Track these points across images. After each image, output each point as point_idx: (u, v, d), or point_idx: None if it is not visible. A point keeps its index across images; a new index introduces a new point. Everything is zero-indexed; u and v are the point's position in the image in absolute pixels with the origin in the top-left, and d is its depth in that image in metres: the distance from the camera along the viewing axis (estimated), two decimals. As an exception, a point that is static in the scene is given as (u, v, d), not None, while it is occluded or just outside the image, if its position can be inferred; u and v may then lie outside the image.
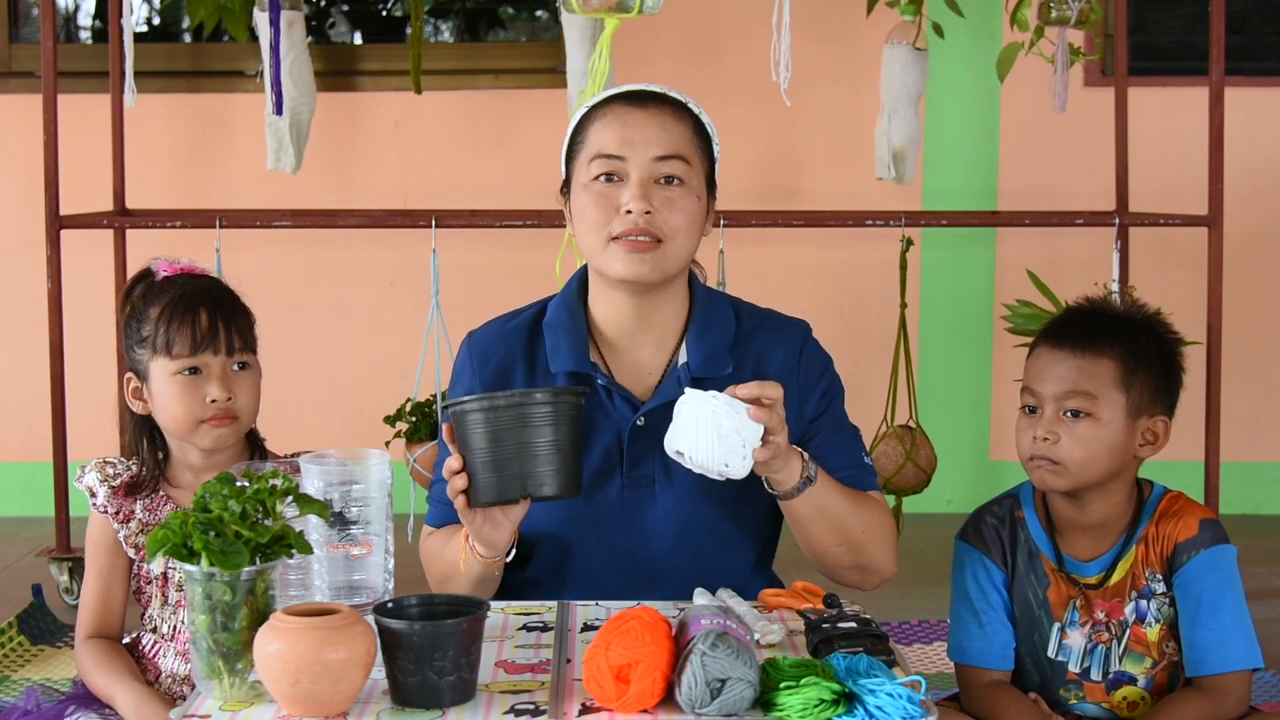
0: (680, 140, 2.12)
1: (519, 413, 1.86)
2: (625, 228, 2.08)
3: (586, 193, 2.13)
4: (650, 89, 2.17)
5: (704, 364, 2.15)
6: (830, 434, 2.19)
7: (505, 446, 1.86)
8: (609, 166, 2.11)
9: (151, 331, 2.21)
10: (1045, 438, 2.12)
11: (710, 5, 4.62)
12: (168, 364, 2.21)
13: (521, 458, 1.86)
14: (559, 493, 1.89)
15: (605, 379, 2.15)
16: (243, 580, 1.68)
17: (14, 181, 4.65)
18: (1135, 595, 2.14)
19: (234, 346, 2.23)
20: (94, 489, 2.26)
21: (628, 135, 2.11)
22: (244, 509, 1.70)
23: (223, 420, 2.22)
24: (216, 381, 2.21)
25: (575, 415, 1.90)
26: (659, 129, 2.11)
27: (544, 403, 1.87)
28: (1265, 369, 4.77)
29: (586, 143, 2.15)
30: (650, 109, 2.13)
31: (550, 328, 2.19)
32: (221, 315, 2.23)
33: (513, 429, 1.86)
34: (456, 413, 1.90)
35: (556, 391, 1.90)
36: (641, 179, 2.10)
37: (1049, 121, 4.73)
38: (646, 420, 2.13)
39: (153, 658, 2.26)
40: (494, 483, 1.88)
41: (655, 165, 2.10)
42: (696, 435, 1.90)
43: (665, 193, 2.10)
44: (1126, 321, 2.18)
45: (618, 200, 2.09)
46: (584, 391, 1.94)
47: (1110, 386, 2.11)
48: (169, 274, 2.29)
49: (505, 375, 2.18)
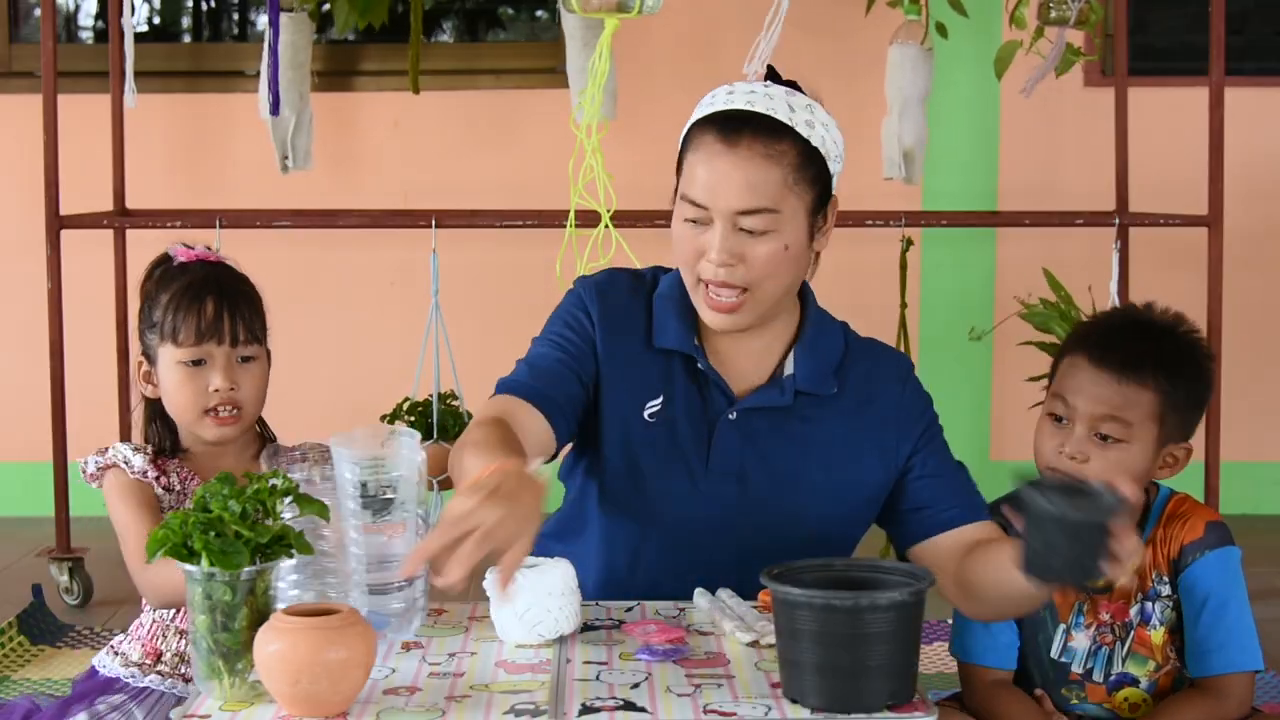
0: (767, 189, 2.00)
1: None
2: (708, 276, 2.04)
3: (678, 224, 2.07)
4: (753, 109, 2.03)
5: (810, 379, 2.12)
6: (937, 470, 2.14)
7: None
8: (694, 214, 2.03)
9: (161, 317, 2.23)
10: (1074, 457, 2.11)
11: (710, 5, 4.62)
12: (174, 351, 2.22)
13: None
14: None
15: (707, 366, 2.12)
16: (243, 580, 1.68)
17: (14, 181, 4.65)
18: (1141, 597, 2.14)
19: (238, 338, 2.23)
20: (128, 459, 2.23)
21: (712, 183, 2.01)
22: (244, 509, 1.70)
23: (226, 420, 2.22)
24: (220, 372, 2.21)
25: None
26: (743, 180, 2.00)
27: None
28: (1265, 369, 4.77)
29: (684, 165, 2.07)
30: (741, 150, 2.00)
31: (661, 300, 2.15)
32: (228, 305, 2.23)
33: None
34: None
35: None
36: (724, 231, 2.01)
37: (1049, 121, 4.74)
38: (740, 416, 2.11)
39: (152, 640, 2.24)
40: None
41: (738, 218, 2.01)
42: (501, 620, 1.87)
43: (749, 243, 2.02)
44: (1173, 347, 2.14)
45: (703, 245, 2.03)
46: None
47: (1148, 418, 2.09)
48: (184, 260, 2.29)
49: (623, 325, 2.14)
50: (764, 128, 2.02)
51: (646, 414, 2.13)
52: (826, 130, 2.07)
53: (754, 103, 2.04)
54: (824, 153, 2.06)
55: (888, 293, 3.89)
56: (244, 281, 2.31)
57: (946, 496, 2.11)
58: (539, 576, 1.86)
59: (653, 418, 2.12)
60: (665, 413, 2.12)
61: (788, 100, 2.05)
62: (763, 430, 2.12)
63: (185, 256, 2.30)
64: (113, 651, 2.29)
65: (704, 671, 1.77)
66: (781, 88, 2.08)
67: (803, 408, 2.12)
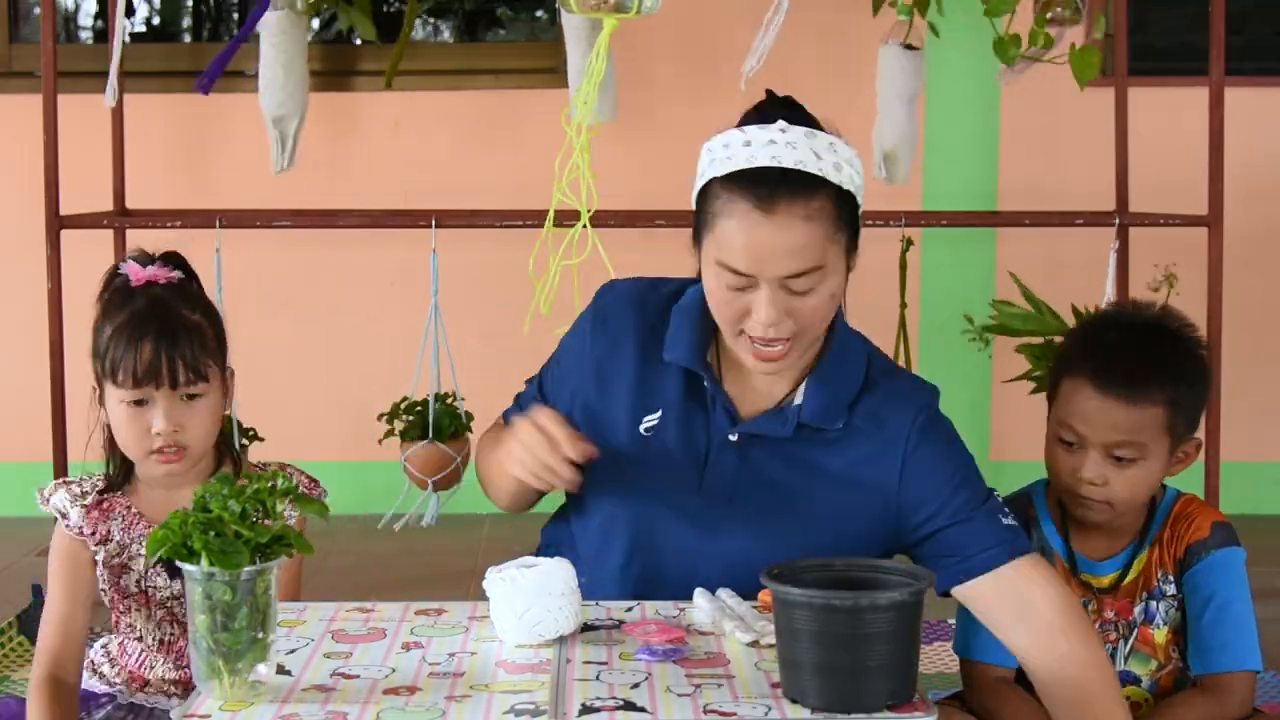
0: (813, 250, 1.94)
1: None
2: (756, 334, 1.98)
3: (716, 283, 1.99)
4: (780, 165, 1.94)
5: (817, 413, 2.06)
6: (965, 516, 2.01)
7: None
8: (736, 282, 1.97)
9: (103, 351, 2.14)
10: (1093, 482, 2.10)
11: (709, 5, 4.62)
12: (115, 390, 2.13)
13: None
14: None
15: (714, 386, 2.09)
16: (243, 580, 1.67)
17: (14, 181, 4.64)
18: (1146, 596, 2.15)
19: (178, 380, 2.11)
20: (64, 510, 2.18)
21: (755, 251, 1.94)
22: (244, 509, 1.70)
23: (171, 458, 2.14)
24: (162, 414, 2.11)
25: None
26: (790, 243, 1.93)
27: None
28: (1265, 369, 4.77)
29: (714, 230, 1.98)
30: (780, 216, 1.93)
31: (680, 312, 2.12)
32: (168, 346, 2.11)
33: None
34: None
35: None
36: (771, 294, 1.96)
37: (1049, 121, 4.74)
38: (740, 439, 2.08)
39: (139, 668, 2.22)
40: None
41: (786, 281, 1.95)
42: (501, 620, 1.87)
43: (797, 300, 1.97)
44: (1172, 353, 2.13)
45: (747, 305, 1.97)
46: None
47: (1160, 432, 2.10)
48: (134, 283, 2.17)
49: (629, 331, 2.15)
50: (799, 186, 1.94)
51: (643, 428, 2.11)
52: (852, 168, 2.00)
53: (780, 157, 1.95)
54: (854, 192, 2.00)
55: (888, 293, 3.89)
56: (197, 307, 2.18)
57: (979, 541, 2.00)
58: (539, 576, 1.86)
59: (649, 432, 2.11)
60: (662, 428, 2.10)
61: (810, 146, 1.97)
62: (761, 457, 2.08)
63: (136, 278, 2.18)
64: (93, 672, 2.25)
65: (704, 671, 1.77)
66: (799, 129, 1.98)
67: (806, 439, 2.07)
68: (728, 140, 2.00)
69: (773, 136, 1.96)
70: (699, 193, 2.03)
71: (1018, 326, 3.70)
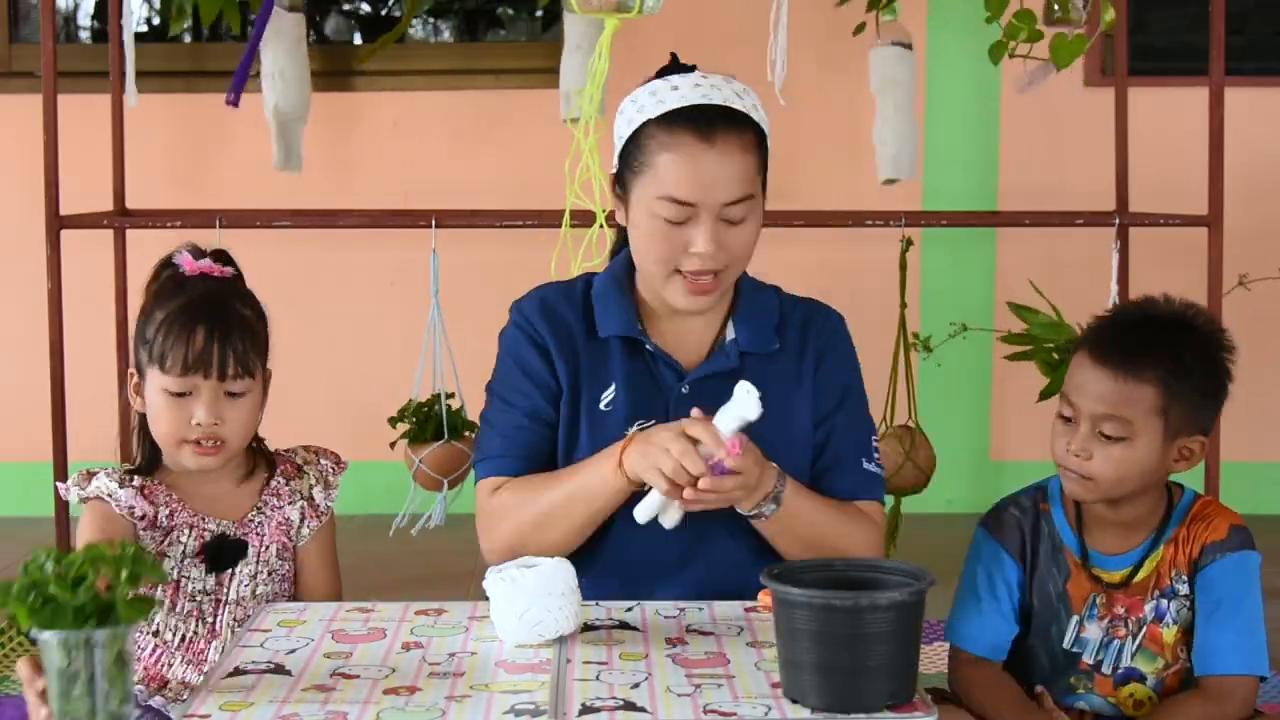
0: (749, 175, 2.09)
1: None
2: (692, 267, 2.09)
3: (651, 222, 2.10)
4: (719, 104, 2.09)
5: (752, 340, 2.20)
6: (840, 433, 2.21)
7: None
8: (676, 213, 2.07)
9: (152, 337, 2.14)
10: (1078, 454, 2.11)
11: (710, 5, 4.62)
12: (160, 377, 2.14)
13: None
14: None
15: (653, 346, 2.18)
16: (75, 644, 1.54)
17: (14, 181, 4.65)
18: (1158, 594, 2.15)
19: (226, 372, 2.13)
20: (110, 492, 2.15)
21: (699, 179, 2.06)
22: (73, 574, 1.55)
23: (207, 451, 2.15)
24: (205, 406, 2.13)
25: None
26: (730, 171, 2.07)
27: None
28: (1265, 369, 4.77)
29: (652, 168, 2.09)
30: (719, 144, 2.06)
31: (599, 297, 2.22)
32: (220, 336, 2.13)
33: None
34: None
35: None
36: (710, 223, 2.07)
37: (1049, 121, 4.74)
38: (691, 389, 2.16)
39: (156, 666, 2.21)
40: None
41: (724, 209, 2.08)
42: (501, 620, 1.87)
43: (731, 230, 2.09)
44: (1174, 337, 2.13)
45: (685, 239, 2.08)
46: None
47: (1148, 413, 2.09)
48: (189, 273, 2.19)
49: (568, 333, 2.21)
50: (733, 120, 2.09)
51: (603, 405, 2.18)
52: (761, 112, 2.15)
53: (711, 96, 2.09)
54: (767, 134, 2.15)
55: (888, 293, 3.89)
56: (247, 303, 2.22)
57: (841, 463, 2.20)
58: (539, 576, 1.86)
59: (608, 406, 2.18)
60: (619, 399, 2.17)
61: (731, 89, 2.12)
62: (716, 398, 2.09)
63: (190, 269, 2.19)
64: None
65: (704, 671, 1.77)
66: (716, 75, 2.14)
67: (750, 368, 2.17)
68: (653, 89, 2.12)
69: (696, 81, 2.11)
70: (629, 140, 2.12)
71: (1050, 336, 3.65)
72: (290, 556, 2.28)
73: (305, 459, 2.35)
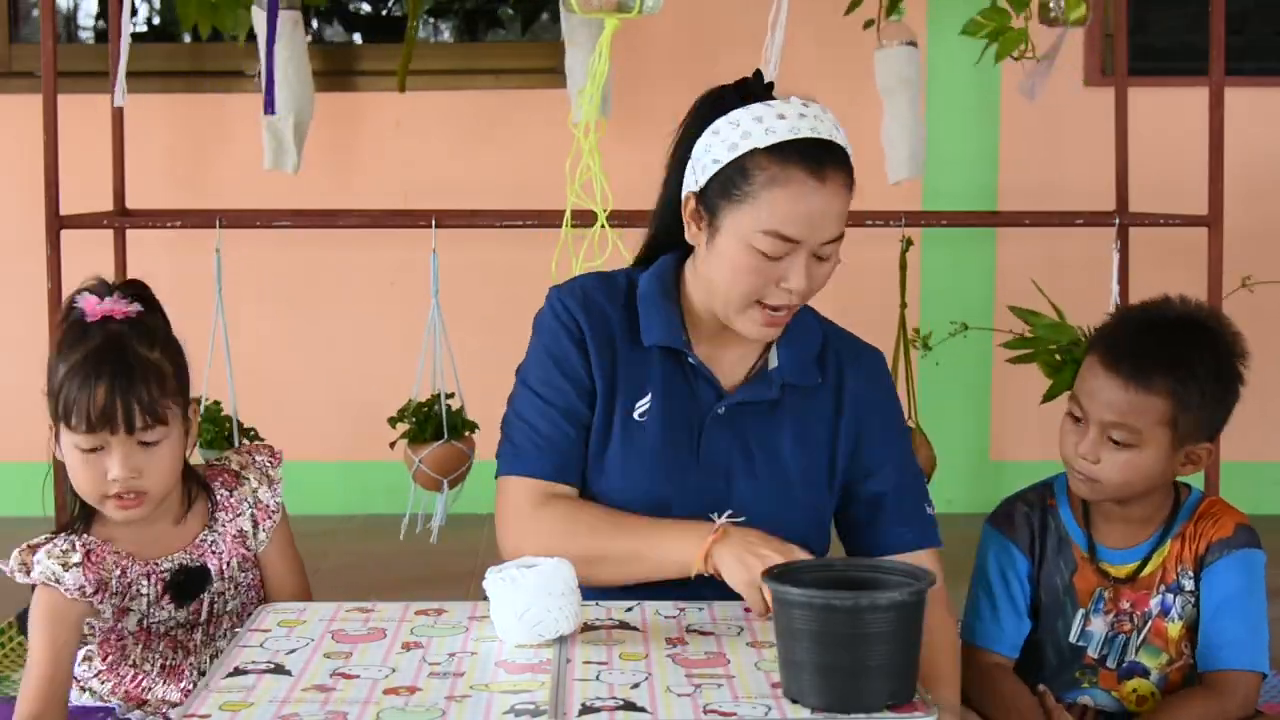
0: (844, 217, 2.06)
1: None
2: (779, 301, 2.06)
3: (745, 255, 2.04)
4: (829, 139, 2.04)
5: (795, 371, 2.15)
6: (897, 483, 2.15)
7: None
8: (778, 249, 2.02)
9: (55, 390, 2.02)
10: (1085, 456, 2.11)
11: (710, 5, 4.62)
12: (69, 434, 2.02)
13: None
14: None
15: (695, 360, 2.15)
16: None
17: (14, 181, 4.64)
18: (1163, 589, 2.15)
19: (134, 426, 2.00)
20: (56, 577, 2.04)
21: (810, 218, 2.02)
22: None
23: (129, 504, 2.04)
24: (118, 461, 2.01)
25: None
26: (835, 213, 2.03)
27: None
28: (1266, 370, 4.75)
29: (758, 201, 2.02)
30: (829, 185, 2.02)
31: (645, 301, 2.16)
32: (123, 389, 1.98)
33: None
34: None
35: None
36: (807, 259, 2.04)
37: (1049, 121, 4.74)
38: (728, 411, 2.13)
39: (138, 690, 2.19)
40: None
41: (822, 246, 2.05)
42: (501, 620, 1.87)
43: (821, 265, 2.06)
44: (1186, 346, 2.13)
45: (779, 274, 2.04)
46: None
47: (1157, 423, 2.10)
48: (90, 318, 2.04)
49: (608, 331, 2.16)
50: (840, 156, 2.05)
51: (637, 414, 2.14)
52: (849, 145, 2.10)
53: (818, 129, 2.04)
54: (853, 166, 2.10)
55: (888, 293, 3.89)
56: (156, 344, 2.06)
57: (898, 513, 2.14)
58: (539, 576, 1.86)
59: (642, 416, 2.14)
60: (654, 410, 2.14)
61: (831, 120, 2.07)
62: (751, 424, 2.13)
63: (92, 313, 2.05)
64: (83, 689, 2.19)
65: (704, 671, 1.77)
66: (815, 104, 2.08)
67: (789, 403, 2.15)
68: (759, 114, 2.05)
69: (800, 111, 2.05)
70: (729, 167, 2.04)
71: (1052, 337, 3.65)
72: (252, 565, 2.23)
73: (241, 462, 2.26)
